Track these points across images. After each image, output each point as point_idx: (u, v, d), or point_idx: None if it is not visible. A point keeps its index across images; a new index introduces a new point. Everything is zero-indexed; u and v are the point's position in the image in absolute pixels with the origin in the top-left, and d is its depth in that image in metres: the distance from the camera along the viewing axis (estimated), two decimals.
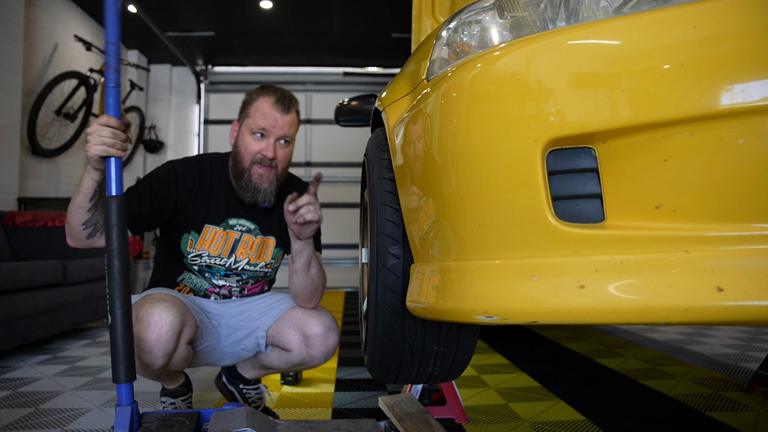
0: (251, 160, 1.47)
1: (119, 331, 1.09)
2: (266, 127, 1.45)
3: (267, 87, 1.51)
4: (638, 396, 1.88)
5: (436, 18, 1.53)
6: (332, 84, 6.42)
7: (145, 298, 1.34)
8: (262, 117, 1.45)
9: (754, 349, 2.75)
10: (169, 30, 5.20)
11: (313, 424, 1.27)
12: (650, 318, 0.61)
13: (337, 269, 6.30)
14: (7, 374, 2.24)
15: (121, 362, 1.09)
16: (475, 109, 0.74)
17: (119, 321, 1.09)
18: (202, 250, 1.50)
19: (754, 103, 0.58)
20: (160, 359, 1.29)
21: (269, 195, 1.50)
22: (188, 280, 1.53)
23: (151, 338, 1.26)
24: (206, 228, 1.50)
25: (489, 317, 0.71)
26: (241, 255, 1.53)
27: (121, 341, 1.09)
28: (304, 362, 1.52)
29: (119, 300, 1.09)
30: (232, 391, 1.62)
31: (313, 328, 1.48)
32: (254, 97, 1.49)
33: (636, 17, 0.65)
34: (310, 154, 6.46)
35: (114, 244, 1.11)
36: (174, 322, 1.29)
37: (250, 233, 1.54)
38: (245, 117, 1.49)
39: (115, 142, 1.16)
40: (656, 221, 0.65)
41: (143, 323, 1.27)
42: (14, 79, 3.70)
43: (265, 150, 1.46)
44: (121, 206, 1.14)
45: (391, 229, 1.02)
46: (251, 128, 1.46)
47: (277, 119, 1.46)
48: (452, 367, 1.15)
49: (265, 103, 1.46)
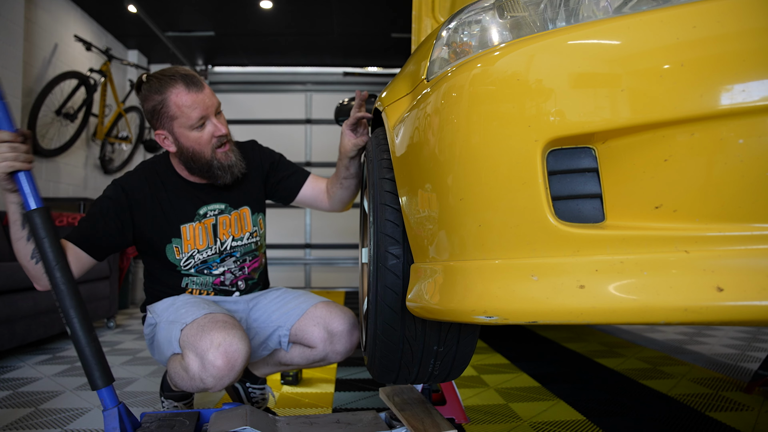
0: (211, 148, 1.43)
1: (83, 340, 1.06)
2: (202, 114, 1.38)
3: (160, 80, 1.38)
4: (638, 396, 1.88)
5: (436, 18, 1.53)
6: (332, 84, 6.41)
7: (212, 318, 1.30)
8: (191, 107, 1.37)
9: (754, 349, 2.75)
10: (169, 30, 5.20)
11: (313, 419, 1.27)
12: (650, 318, 0.61)
13: (337, 269, 6.30)
14: (7, 374, 2.24)
15: (94, 369, 1.07)
16: (475, 109, 0.74)
17: (79, 330, 1.06)
18: (190, 251, 1.49)
19: (754, 103, 0.58)
20: (225, 385, 1.27)
21: (240, 164, 1.49)
22: (192, 283, 1.52)
23: (225, 367, 1.23)
24: (183, 229, 1.48)
25: (489, 317, 0.71)
26: (224, 235, 1.53)
27: (88, 349, 1.06)
28: (326, 358, 1.52)
29: (73, 310, 1.07)
30: (238, 389, 1.62)
31: (339, 325, 1.48)
32: (162, 97, 1.37)
33: (636, 17, 0.65)
34: (310, 154, 6.46)
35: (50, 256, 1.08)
36: (247, 353, 1.27)
37: (222, 213, 1.54)
38: (171, 120, 1.39)
39: (17, 155, 1.14)
40: (656, 221, 0.65)
41: (221, 350, 1.22)
42: (14, 79, 3.70)
43: (216, 131, 1.42)
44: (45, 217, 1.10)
45: (391, 229, 1.02)
46: (190, 125, 1.39)
47: (204, 99, 1.38)
48: (452, 367, 1.15)
49: (180, 95, 1.36)
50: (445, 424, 1.18)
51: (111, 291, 3.44)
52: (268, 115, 6.36)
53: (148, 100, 1.39)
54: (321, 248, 6.36)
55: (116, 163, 5.35)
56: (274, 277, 2.00)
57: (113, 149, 5.25)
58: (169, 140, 1.43)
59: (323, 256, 6.35)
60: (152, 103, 1.38)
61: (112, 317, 3.48)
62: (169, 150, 1.46)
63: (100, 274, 3.28)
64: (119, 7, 4.67)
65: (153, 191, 1.47)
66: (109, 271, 3.40)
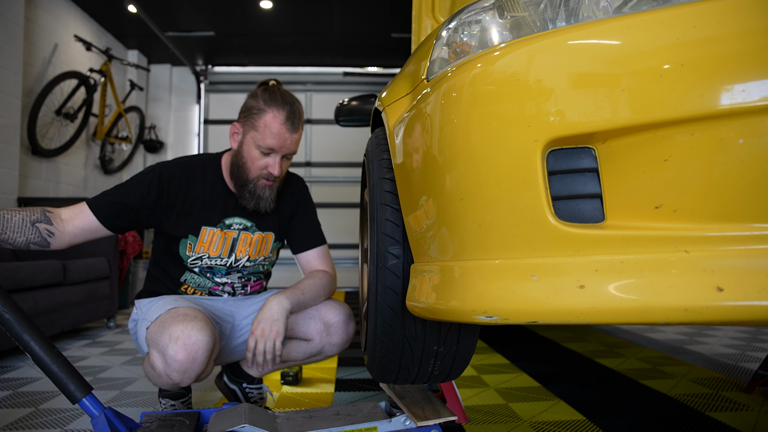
0: (258, 174, 1.46)
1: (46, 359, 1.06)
2: (275, 147, 1.43)
3: (275, 97, 1.44)
4: (638, 396, 1.88)
5: (436, 18, 1.53)
6: (332, 84, 6.42)
7: (173, 312, 1.31)
8: (272, 136, 1.41)
9: (754, 349, 2.75)
10: (169, 30, 5.20)
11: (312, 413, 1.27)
12: (650, 318, 0.61)
13: (337, 269, 6.29)
14: (7, 374, 2.24)
15: (67, 383, 1.07)
16: (475, 109, 0.74)
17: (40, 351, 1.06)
18: (201, 253, 1.50)
19: (754, 103, 0.58)
20: (191, 379, 1.28)
21: (270, 202, 1.50)
22: (191, 280, 1.53)
23: (186, 360, 1.24)
24: (203, 230, 1.49)
25: (489, 317, 0.71)
26: (241, 253, 1.54)
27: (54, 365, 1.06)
28: (323, 351, 1.54)
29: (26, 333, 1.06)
30: (234, 390, 1.62)
31: (334, 316, 1.51)
32: (263, 109, 1.43)
33: (636, 17, 0.65)
34: (310, 154, 6.46)
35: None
36: (209, 344, 1.27)
37: (247, 231, 1.54)
38: (251, 128, 1.44)
39: None
40: (656, 221, 0.65)
41: (179, 344, 1.24)
42: (14, 79, 3.70)
43: (271, 167, 1.44)
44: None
45: (391, 229, 1.02)
46: (258, 144, 1.43)
47: (286, 139, 1.43)
48: (452, 367, 1.15)
49: (275, 121, 1.41)
50: (446, 411, 1.18)
51: (111, 291, 3.44)
52: None
53: (254, 99, 1.46)
54: None
55: (116, 163, 5.35)
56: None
57: (113, 149, 5.25)
58: (237, 138, 1.49)
59: None
60: (253, 104, 1.44)
61: (112, 317, 3.48)
62: (231, 143, 1.51)
63: (100, 274, 3.28)
64: (119, 7, 4.67)
65: (190, 185, 1.49)
66: (109, 271, 3.40)
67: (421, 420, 1.13)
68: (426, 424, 1.14)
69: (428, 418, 1.14)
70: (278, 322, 1.36)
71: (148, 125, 5.96)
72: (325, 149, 6.42)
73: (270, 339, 1.34)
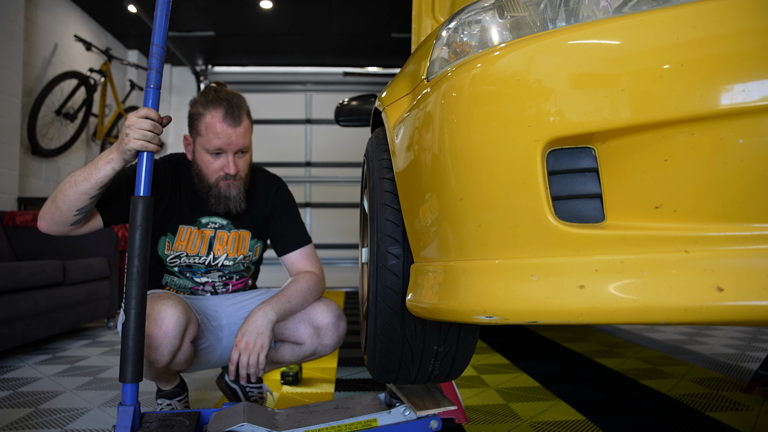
0: (216, 178, 1.45)
1: (131, 331, 1.09)
2: (221, 147, 1.42)
3: (210, 97, 1.44)
4: (638, 396, 1.88)
5: (436, 18, 1.53)
6: (332, 84, 6.42)
7: (148, 298, 1.34)
8: (215, 136, 1.40)
9: (754, 349, 2.75)
10: (169, 30, 5.19)
11: (312, 408, 1.27)
12: (650, 318, 0.61)
13: (337, 269, 6.30)
14: (7, 374, 2.24)
15: (129, 362, 1.09)
16: (475, 109, 0.74)
17: (133, 320, 1.09)
18: (180, 251, 1.50)
19: (754, 103, 0.58)
20: (166, 356, 1.29)
21: (239, 202, 1.49)
22: (172, 282, 1.54)
23: (158, 334, 1.26)
24: (180, 228, 1.50)
25: (489, 317, 0.71)
26: (219, 251, 1.54)
27: (132, 341, 1.09)
28: (316, 352, 1.54)
29: (135, 300, 1.09)
30: (235, 390, 1.63)
31: (324, 318, 1.50)
32: (201, 112, 1.43)
33: (636, 17, 0.65)
34: (310, 154, 6.46)
35: (137, 244, 1.11)
36: (180, 318, 1.29)
37: (223, 229, 1.54)
38: (197, 135, 1.45)
39: (154, 136, 1.16)
40: (656, 221, 0.65)
41: (150, 320, 1.26)
42: (14, 79, 3.70)
43: (226, 167, 1.44)
44: (148, 207, 1.13)
45: (391, 229, 1.02)
46: (206, 148, 1.43)
47: (231, 135, 1.41)
48: (452, 367, 1.15)
49: (214, 119, 1.40)
50: (445, 401, 1.18)
51: (111, 291, 3.44)
52: (268, 115, 6.36)
53: (194, 106, 1.46)
54: (321, 248, 6.35)
55: None
56: (274, 276, 2.00)
57: None
58: (190, 149, 1.51)
59: (323, 256, 6.35)
60: (193, 111, 1.45)
61: (112, 317, 3.48)
62: (187, 154, 1.52)
63: (100, 274, 3.28)
64: (119, 7, 4.67)
65: (169, 182, 1.50)
66: (109, 271, 3.40)
67: (421, 410, 1.13)
68: (425, 414, 1.14)
69: (428, 408, 1.14)
70: (263, 335, 1.35)
71: None
72: (325, 149, 6.43)
73: (254, 352, 1.34)
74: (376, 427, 1.15)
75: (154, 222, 1.47)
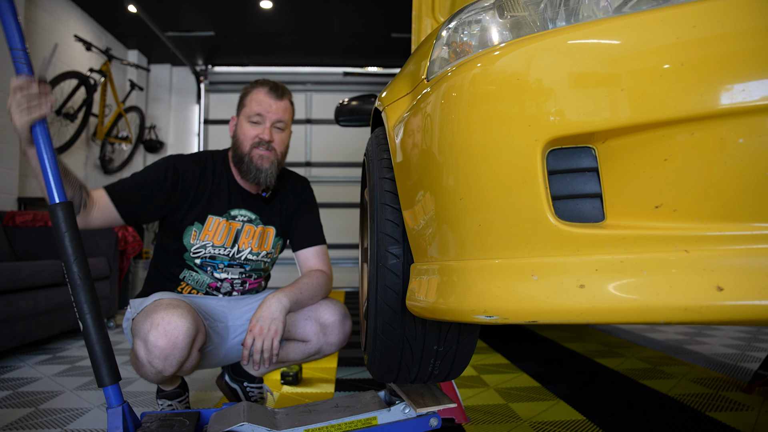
0: (251, 144, 1.53)
1: (93, 336, 1.07)
2: (261, 112, 1.52)
3: (261, 80, 1.59)
4: (638, 396, 1.88)
5: (436, 18, 1.53)
6: (332, 84, 6.42)
7: (157, 303, 1.33)
8: (257, 104, 1.53)
9: (754, 349, 2.75)
10: (169, 30, 5.20)
11: (312, 407, 1.27)
12: (650, 317, 0.61)
13: (337, 269, 6.29)
14: (7, 374, 2.24)
15: (102, 365, 1.07)
16: (475, 108, 0.74)
17: (91, 326, 1.07)
18: (206, 241, 1.52)
19: (754, 103, 0.58)
20: (174, 366, 1.28)
21: (270, 176, 1.55)
22: (189, 278, 1.54)
23: (167, 346, 1.25)
24: (209, 219, 1.53)
25: (489, 317, 0.71)
26: (244, 245, 1.57)
27: (98, 345, 1.07)
28: (321, 351, 1.55)
29: (87, 305, 1.07)
30: (235, 389, 1.63)
31: (330, 316, 1.51)
32: (249, 89, 1.58)
33: (636, 17, 0.65)
34: (310, 154, 6.46)
35: (69, 251, 1.09)
36: (190, 330, 1.28)
37: (251, 223, 1.59)
38: (242, 108, 1.57)
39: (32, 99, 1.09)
40: (656, 221, 0.65)
41: (159, 330, 1.25)
42: None
43: (261, 133, 1.53)
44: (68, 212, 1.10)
45: (391, 229, 1.02)
46: (248, 116, 1.54)
47: (271, 104, 1.53)
48: (452, 366, 1.15)
49: (259, 93, 1.55)
50: (445, 399, 1.18)
51: (111, 291, 3.44)
52: None
53: (244, 89, 1.61)
54: None
55: (116, 163, 5.35)
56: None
57: (113, 149, 5.25)
58: (234, 126, 1.61)
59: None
60: (243, 92, 1.60)
61: (112, 317, 3.48)
62: (230, 133, 1.62)
63: (100, 274, 3.28)
64: (119, 7, 4.67)
65: (201, 176, 1.55)
66: (109, 271, 3.40)
67: (421, 407, 1.14)
68: (426, 411, 1.14)
69: (428, 405, 1.14)
70: (277, 320, 1.36)
71: (148, 125, 5.96)
72: (325, 149, 6.42)
73: (268, 337, 1.35)
74: (376, 425, 1.15)
75: (180, 213, 1.51)
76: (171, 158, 1.54)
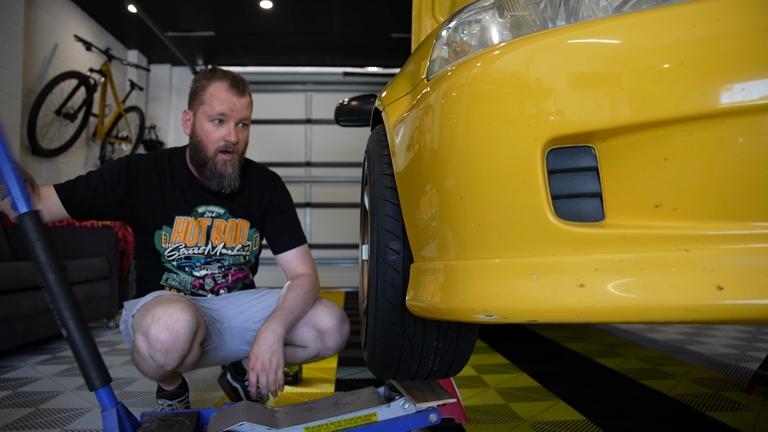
0: (215, 148, 1.46)
1: (78, 341, 1.06)
2: (225, 112, 1.44)
3: (216, 71, 1.48)
4: (638, 396, 1.88)
5: (436, 18, 1.54)
6: (332, 84, 6.42)
7: (157, 299, 1.33)
8: (219, 102, 1.43)
9: (754, 349, 2.75)
10: (169, 30, 5.20)
11: (311, 404, 1.27)
12: (650, 317, 0.61)
13: (337, 269, 6.30)
14: (7, 374, 2.24)
15: (91, 369, 1.07)
16: (475, 108, 0.74)
17: (75, 331, 1.06)
18: (178, 243, 1.49)
19: (754, 102, 0.58)
20: (176, 360, 1.28)
21: (234, 180, 1.49)
22: (172, 280, 1.53)
23: (169, 339, 1.25)
24: (177, 220, 1.50)
25: (489, 316, 0.71)
26: (217, 240, 1.53)
27: (84, 350, 1.06)
28: (319, 355, 1.54)
29: (68, 311, 1.06)
30: (237, 388, 1.63)
31: (327, 322, 1.50)
32: (205, 83, 1.46)
33: (636, 16, 0.65)
34: (310, 154, 6.46)
35: (42, 259, 1.07)
36: (191, 323, 1.28)
37: (220, 218, 1.54)
38: (200, 104, 1.46)
39: None
40: (656, 220, 0.65)
41: (160, 324, 1.25)
42: (14, 79, 3.70)
43: (227, 136, 1.45)
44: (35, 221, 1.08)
45: (391, 225, 1.02)
46: (209, 115, 1.44)
47: (235, 102, 1.44)
48: (452, 363, 1.15)
49: (219, 88, 1.44)
50: (445, 394, 1.18)
51: (111, 291, 3.44)
52: (268, 115, 6.36)
53: (197, 81, 1.49)
54: (321, 248, 6.36)
55: None
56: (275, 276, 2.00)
57: (113, 149, 5.25)
58: (189, 122, 1.51)
59: (323, 256, 6.35)
60: (196, 85, 1.48)
61: (112, 317, 3.48)
62: (184, 130, 1.52)
63: (100, 274, 3.28)
64: (119, 7, 4.67)
65: (159, 176, 1.50)
66: (109, 271, 3.40)
67: (420, 402, 1.14)
68: (425, 406, 1.14)
69: (427, 400, 1.14)
70: (276, 353, 1.34)
71: (148, 125, 5.96)
72: (325, 149, 6.43)
73: (272, 372, 1.34)
74: (376, 421, 1.15)
75: (145, 218, 1.47)
76: (126, 159, 1.50)
